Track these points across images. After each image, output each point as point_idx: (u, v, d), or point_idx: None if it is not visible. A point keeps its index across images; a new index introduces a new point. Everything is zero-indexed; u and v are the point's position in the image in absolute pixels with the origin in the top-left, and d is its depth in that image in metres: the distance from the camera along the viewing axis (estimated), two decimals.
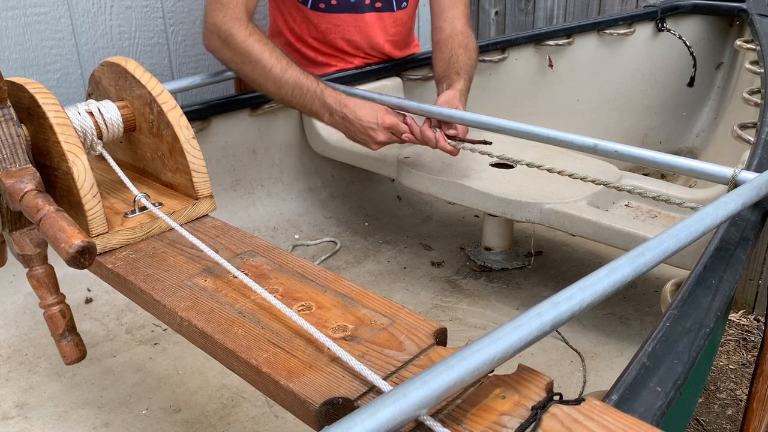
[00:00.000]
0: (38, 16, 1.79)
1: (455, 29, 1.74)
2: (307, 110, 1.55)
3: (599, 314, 1.48)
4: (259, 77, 1.52)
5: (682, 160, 1.12)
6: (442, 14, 1.77)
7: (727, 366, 2.15)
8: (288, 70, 1.49)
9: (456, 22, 1.75)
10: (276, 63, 1.49)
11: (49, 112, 0.94)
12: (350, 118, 1.49)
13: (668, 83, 2.52)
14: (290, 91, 1.51)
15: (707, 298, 0.77)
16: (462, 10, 1.77)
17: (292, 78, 1.49)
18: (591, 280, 0.67)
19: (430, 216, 1.97)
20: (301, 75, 1.50)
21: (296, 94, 1.51)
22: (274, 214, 1.85)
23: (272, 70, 1.49)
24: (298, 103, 1.53)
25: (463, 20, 1.77)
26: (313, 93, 1.50)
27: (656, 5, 2.47)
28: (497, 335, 0.59)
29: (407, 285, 1.64)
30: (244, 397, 1.28)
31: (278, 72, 1.49)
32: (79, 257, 0.77)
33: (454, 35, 1.73)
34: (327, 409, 0.65)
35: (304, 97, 1.51)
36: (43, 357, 1.38)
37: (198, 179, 1.04)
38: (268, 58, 1.49)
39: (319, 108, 1.52)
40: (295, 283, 0.86)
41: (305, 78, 1.50)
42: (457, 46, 1.70)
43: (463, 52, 1.68)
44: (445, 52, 1.71)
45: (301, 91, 1.50)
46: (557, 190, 1.45)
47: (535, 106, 2.30)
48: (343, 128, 1.53)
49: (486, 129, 1.35)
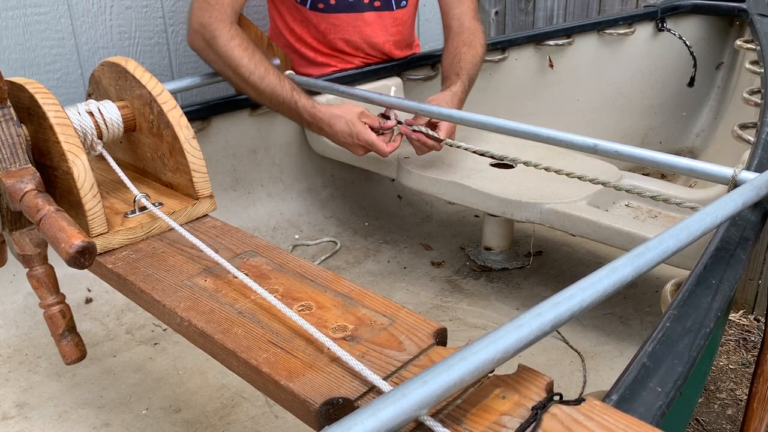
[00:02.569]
0: (38, 16, 1.78)
1: (462, 26, 1.76)
2: (287, 117, 1.59)
3: (599, 314, 1.48)
4: (239, 82, 1.55)
5: (682, 160, 1.11)
6: (449, 12, 1.79)
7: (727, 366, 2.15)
8: (266, 78, 1.52)
9: (463, 18, 1.77)
10: (255, 70, 1.51)
11: (49, 112, 0.94)
12: (326, 131, 1.54)
13: (668, 83, 2.52)
14: (268, 100, 1.55)
15: (707, 298, 0.77)
16: (469, 5, 1.79)
17: (269, 87, 1.52)
18: (591, 280, 0.67)
19: (430, 216, 1.97)
20: (277, 84, 1.52)
21: (274, 103, 1.55)
22: (274, 214, 1.85)
23: (251, 77, 1.52)
24: (277, 110, 1.58)
25: (470, 15, 1.78)
26: (287, 104, 1.54)
27: (656, 5, 2.47)
28: (497, 335, 0.59)
29: (407, 285, 1.64)
30: (244, 397, 1.28)
31: (256, 80, 1.52)
32: (79, 257, 0.77)
33: (461, 32, 1.75)
34: (327, 409, 0.65)
35: (281, 107, 1.55)
36: (43, 357, 1.38)
37: (198, 179, 1.04)
38: (247, 64, 1.51)
39: (296, 119, 1.57)
40: (295, 283, 0.86)
41: (281, 88, 1.52)
42: (461, 44, 1.71)
43: (467, 50, 1.69)
44: (450, 50, 1.73)
45: (277, 100, 1.54)
46: (557, 190, 1.45)
47: (535, 106, 2.30)
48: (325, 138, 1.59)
49: (486, 129, 1.35)
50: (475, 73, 1.68)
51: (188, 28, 1.56)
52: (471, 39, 1.72)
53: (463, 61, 1.67)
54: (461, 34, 1.74)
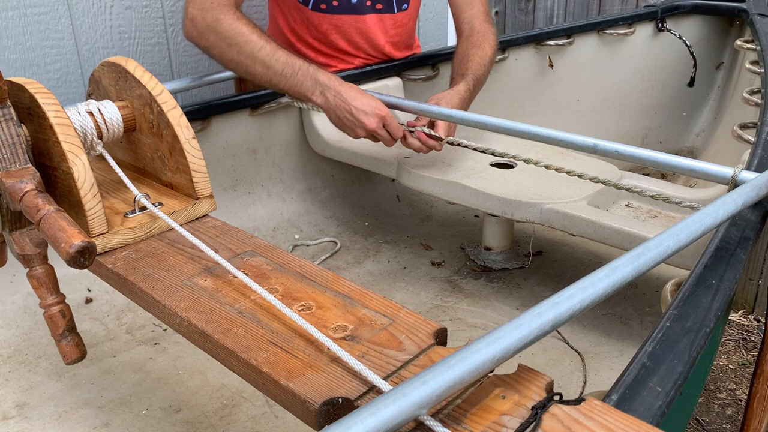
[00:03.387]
0: (38, 16, 1.79)
1: (473, 29, 1.76)
2: (296, 90, 1.50)
3: (599, 314, 1.48)
4: (246, 59, 1.48)
5: (682, 160, 1.12)
6: (460, 16, 1.80)
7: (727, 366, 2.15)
8: (278, 50, 1.48)
9: (474, 21, 1.77)
10: (266, 45, 1.47)
11: (49, 112, 0.94)
12: (344, 96, 1.46)
13: (668, 83, 2.52)
14: (280, 71, 1.47)
15: (707, 298, 0.77)
16: (479, 8, 1.79)
17: (282, 57, 1.47)
18: (591, 280, 0.67)
19: (430, 216, 1.97)
20: (290, 56, 1.48)
21: (286, 73, 1.47)
22: (274, 214, 1.85)
23: (261, 51, 1.47)
24: (287, 83, 1.49)
25: (481, 18, 1.78)
26: (305, 71, 1.48)
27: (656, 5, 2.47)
28: (497, 335, 0.59)
29: (407, 285, 1.64)
30: (244, 397, 1.28)
31: (267, 53, 1.47)
32: (79, 257, 0.77)
33: (471, 35, 1.75)
34: (327, 409, 0.65)
35: (295, 76, 1.48)
36: (43, 357, 1.38)
37: (198, 179, 1.04)
38: (257, 39, 1.47)
39: (310, 85, 1.48)
40: (295, 283, 0.86)
41: (296, 59, 1.48)
42: (470, 47, 1.72)
43: (475, 52, 1.69)
44: (459, 53, 1.73)
45: (292, 69, 1.47)
46: (557, 190, 1.45)
47: (535, 106, 2.30)
48: (333, 107, 1.48)
49: (486, 129, 1.35)
50: (482, 73, 1.68)
51: (184, 17, 1.53)
52: (480, 41, 1.72)
53: (470, 62, 1.67)
54: (471, 37, 1.74)
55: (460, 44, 1.76)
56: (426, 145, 1.50)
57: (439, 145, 1.50)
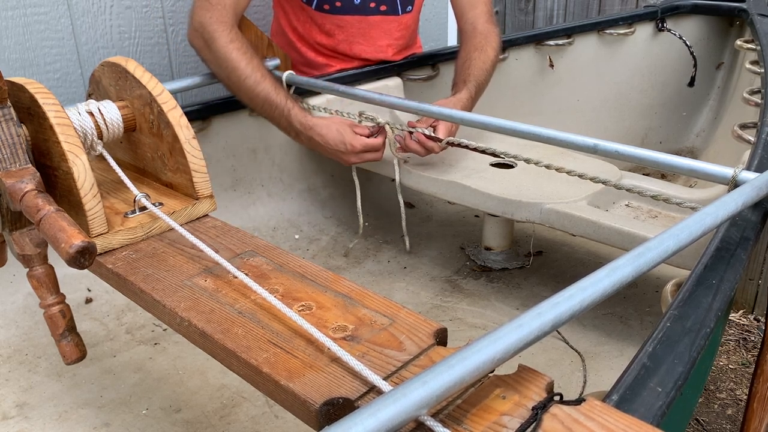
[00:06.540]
0: (38, 16, 1.78)
1: (475, 30, 1.76)
2: (276, 125, 1.57)
3: (599, 314, 1.48)
4: (233, 85, 1.54)
5: (682, 160, 1.11)
6: (463, 16, 1.80)
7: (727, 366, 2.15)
8: (261, 83, 1.50)
9: (477, 22, 1.77)
10: (251, 74, 1.50)
11: (49, 112, 0.94)
12: (317, 141, 1.52)
13: (668, 83, 2.52)
14: (261, 105, 1.53)
15: (707, 298, 0.77)
16: (482, 8, 1.79)
17: (263, 92, 1.51)
18: (591, 280, 0.67)
19: (430, 216, 1.97)
20: (272, 90, 1.51)
21: (266, 109, 1.53)
22: (274, 214, 1.85)
23: (246, 80, 1.50)
24: (267, 117, 1.56)
25: (484, 18, 1.78)
26: (281, 111, 1.52)
27: (656, 5, 2.47)
28: (497, 335, 0.59)
29: (407, 285, 1.64)
30: (244, 397, 1.28)
31: (251, 84, 1.50)
32: (79, 257, 0.77)
33: (474, 37, 1.75)
34: (327, 409, 0.65)
35: (273, 113, 1.53)
36: (43, 357, 1.38)
37: (198, 179, 1.04)
38: (244, 67, 1.50)
39: (286, 126, 1.54)
40: (295, 283, 0.86)
41: (275, 94, 1.51)
42: (473, 49, 1.71)
43: (478, 55, 1.69)
44: (462, 56, 1.73)
45: (270, 106, 1.52)
46: (557, 190, 1.45)
47: (535, 106, 2.30)
48: (314, 148, 1.56)
49: (486, 129, 1.35)
50: (484, 78, 1.68)
51: (189, 25, 1.56)
52: (483, 43, 1.72)
53: (473, 66, 1.67)
54: (474, 39, 1.74)
55: (462, 46, 1.76)
56: (425, 146, 1.50)
57: (438, 147, 1.49)
